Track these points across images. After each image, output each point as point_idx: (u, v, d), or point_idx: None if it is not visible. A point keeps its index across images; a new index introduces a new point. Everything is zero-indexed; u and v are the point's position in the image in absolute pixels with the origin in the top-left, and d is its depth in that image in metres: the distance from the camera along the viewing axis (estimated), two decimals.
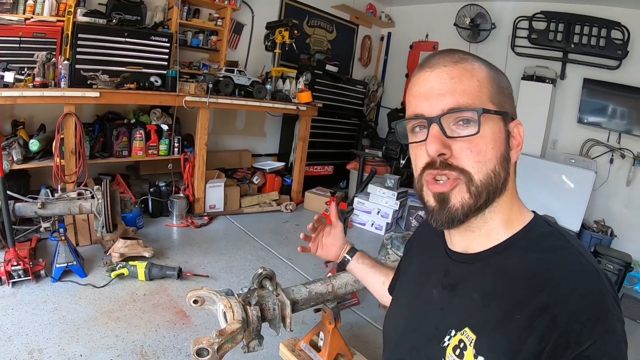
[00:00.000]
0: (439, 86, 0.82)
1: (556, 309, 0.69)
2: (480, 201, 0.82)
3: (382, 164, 6.06)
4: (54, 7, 3.82)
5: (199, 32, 5.12)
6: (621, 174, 5.17)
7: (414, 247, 1.20)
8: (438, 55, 0.86)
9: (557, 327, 0.67)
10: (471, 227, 0.87)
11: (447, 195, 0.83)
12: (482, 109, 0.78)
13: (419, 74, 0.86)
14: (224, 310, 1.42)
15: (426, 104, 0.83)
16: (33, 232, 3.46)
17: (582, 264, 0.75)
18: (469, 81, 0.81)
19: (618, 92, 5.09)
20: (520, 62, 5.79)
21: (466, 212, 0.82)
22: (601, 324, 0.67)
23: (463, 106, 0.79)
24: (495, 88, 0.83)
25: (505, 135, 0.83)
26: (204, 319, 2.68)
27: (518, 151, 0.86)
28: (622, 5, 4.95)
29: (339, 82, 6.35)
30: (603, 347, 0.66)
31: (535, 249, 0.80)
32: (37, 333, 2.33)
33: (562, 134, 5.66)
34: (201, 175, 4.60)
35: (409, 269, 1.16)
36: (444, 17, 6.59)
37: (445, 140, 0.81)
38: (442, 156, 0.81)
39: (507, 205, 0.86)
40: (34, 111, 4.00)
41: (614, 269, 4.29)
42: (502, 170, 0.82)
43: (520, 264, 0.79)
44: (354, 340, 2.66)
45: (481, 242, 0.87)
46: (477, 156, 0.80)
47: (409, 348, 0.97)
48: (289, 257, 3.89)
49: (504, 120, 0.83)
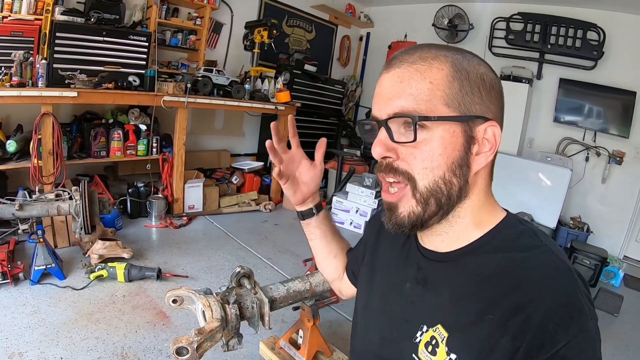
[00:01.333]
0: (389, 89, 0.80)
1: (529, 308, 0.69)
2: (429, 209, 0.80)
3: (360, 163, 6.12)
4: (31, 6, 3.79)
5: (178, 31, 5.10)
6: (596, 172, 5.34)
7: (381, 233, 1.12)
8: (401, 53, 0.83)
9: (531, 327, 0.67)
10: (437, 231, 0.86)
11: (394, 204, 0.84)
12: (417, 117, 0.76)
13: (381, 74, 0.85)
14: (202, 309, 1.44)
15: (377, 107, 0.83)
16: (11, 234, 3.42)
17: (555, 263, 0.75)
18: (418, 84, 0.77)
19: (593, 92, 5.24)
20: (497, 62, 5.88)
21: (413, 221, 0.82)
22: (575, 324, 0.67)
23: (405, 112, 0.77)
24: (455, 89, 0.77)
25: (464, 140, 0.78)
26: (184, 320, 2.69)
27: (488, 156, 0.80)
28: (598, 7, 5.10)
29: (317, 82, 6.39)
30: (577, 346, 0.66)
31: (507, 248, 0.79)
32: (16, 336, 2.32)
33: (538, 132, 5.80)
34: (180, 176, 4.59)
35: (377, 254, 1.11)
36: (422, 18, 6.66)
37: (390, 144, 0.80)
38: (387, 159, 0.82)
39: (474, 209, 0.84)
40: (11, 111, 3.95)
41: (590, 264, 4.43)
42: (455, 177, 0.79)
43: (492, 263, 0.78)
44: (334, 338, 2.69)
45: (449, 244, 0.86)
46: (422, 162, 0.78)
47: (380, 339, 0.97)
48: (268, 257, 3.92)
49: (465, 124, 0.78)
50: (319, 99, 6.49)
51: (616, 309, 3.69)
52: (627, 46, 5.04)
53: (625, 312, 3.76)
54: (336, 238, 1.32)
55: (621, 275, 4.57)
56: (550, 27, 5.46)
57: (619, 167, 5.18)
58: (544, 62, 5.65)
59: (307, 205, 1.24)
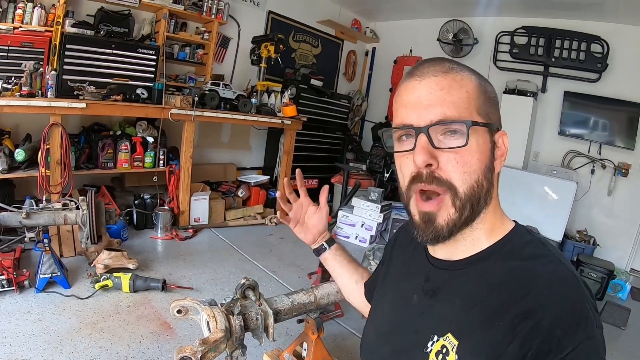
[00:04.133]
0: (428, 97, 0.81)
1: (538, 315, 0.70)
2: (464, 214, 0.82)
3: (366, 177, 6.14)
4: (42, 17, 3.86)
5: (186, 45, 5.17)
6: (602, 185, 5.34)
7: (393, 250, 1.18)
8: (427, 64, 0.85)
9: (540, 333, 0.69)
10: (458, 239, 0.88)
11: (433, 214, 0.84)
12: (470, 122, 0.79)
13: (408, 82, 0.86)
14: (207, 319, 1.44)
15: (414, 114, 0.83)
16: (17, 242, 3.43)
17: (562, 271, 0.77)
18: (458, 92, 0.81)
19: (598, 104, 5.26)
20: (502, 76, 5.92)
21: (451, 229, 0.83)
22: (581, 330, 0.69)
23: (451, 118, 0.79)
24: (482, 99, 0.83)
25: (491, 146, 0.84)
26: (188, 331, 2.69)
27: (502, 161, 0.87)
28: (601, 20, 5.16)
29: (323, 97, 6.42)
30: (584, 352, 0.68)
31: (517, 256, 0.81)
32: (20, 343, 2.32)
33: (543, 146, 5.81)
34: (186, 188, 4.61)
35: (389, 271, 1.15)
36: (427, 33, 6.74)
37: (432, 151, 0.81)
38: (429, 167, 0.81)
39: (492, 215, 0.87)
40: (20, 120, 4.00)
41: (597, 277, 4.39)
42: (486, 181, 0.83)
43: (502, 271, 0.81)
44: (338, 351, 2.68)
45: (464, 250, 0.88)
46: (463, 167, 0.80)
47: (390, 351, 0.97)
48: (272, 270, 3.91)
49: (490, 131, 0.84)
50: (325, 113, 6.51)
51: (623, 322, 3.64)
52: (631, 58, 5.07)
53: (632, 325, 3.72)
54: (354, 265, 1.42)
55: (628, 288, 4.51)
56: (554, 41, 5.50)
57: (625, 179, 5.18)
58: (548, 76, 5.68)
59: (318, 242, 1.42)
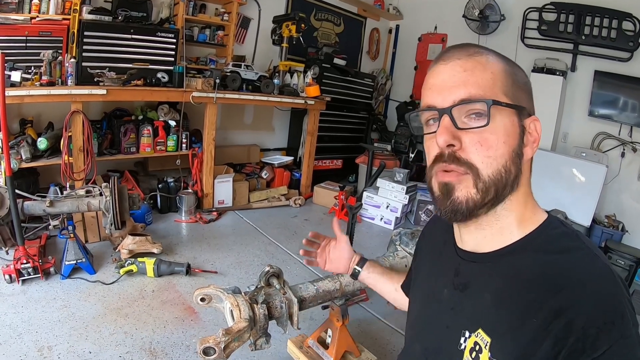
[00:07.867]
0: (452, 78, 0.82)
1: (572, 312, 0.68)
2: (487, 197, 0.80)
3: (391, 157, 6.04)
4: (59, 6, 3.82)
5: (206, 27, 5.10)
6: (632, 168, 5.07)
7: (423, 246, 1.19)
8: (453, 49, 0.86)
9: (573, 331, 0.66)
10: (482, 224, 0.85)
11: (451, 185, 0.82)
12: (492, 100, 0.77)
13: (434, 67, 0.87)
14: (230, 308, 1.41)
15: (439, 96, 0.83)
16: (42, 229, 3.47)
17: (597, 266, 0.74)
18: (482, 73, 0.80)
19: (630, 85, 4.97)
20: (530, 54, 5.69)
21: (471, 208, 0.81)
22: (617, 329, 0.66)
23: (474, 97, 0.79)
24: (510, 81, 0.82)
25: (520, 130, 0.82)
26: (213, 316, 2.67)
27: (534, 148, 0.84)
28: None
29: (347, 76, 6.30)
30: (619, 352, 0.65)
31: (550, 249, 0.79)
32: (46, 330, 2.34)
33: (572, 127, 5.56)
34: (209, 171, 4.59)
35: (421, 269, 1.15)
36: (452, 9, 6.49)
37: (455, 132, 0.80)
38: (451, 147, 0.81)
39: (520, 203, 0.85)
40: (41, 109, 4.01)
41: (625, 265, 4.26)
42: (514, 166, 0.81)
43: (534, 265, 0.77)
44: (362, 337, 2.64)
45: (493, 240, 0.86)
46: (487, 151, 0.79)
47: (423, 349, 0.97)
48: (297, 253, 3.85)
49: (519, 114, 0.82)
50: (348, 92, 6.40)
51: None
52: None
53: None
54: (388, 275, 1.45)
55: None
56: (585, 17, 5.20)
57: None
58: (578, 54, 5.40)
59: (351, 268, 1.46)
